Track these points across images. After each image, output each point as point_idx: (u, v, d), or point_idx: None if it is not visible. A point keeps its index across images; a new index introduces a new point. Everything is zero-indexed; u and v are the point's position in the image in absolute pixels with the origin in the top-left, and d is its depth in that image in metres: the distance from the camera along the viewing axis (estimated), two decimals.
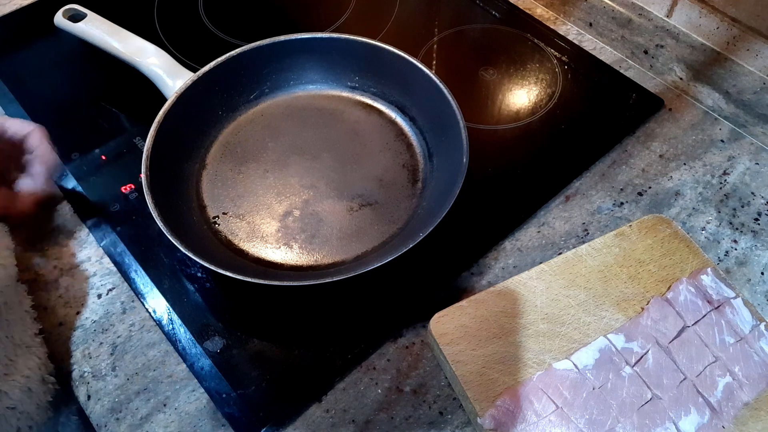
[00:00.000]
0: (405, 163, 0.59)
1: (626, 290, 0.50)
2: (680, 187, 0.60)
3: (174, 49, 0.68)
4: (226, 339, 0.50)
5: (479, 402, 0.44)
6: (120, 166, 0.60)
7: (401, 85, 0.61)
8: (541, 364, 0.46)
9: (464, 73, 0.69)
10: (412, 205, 0.56)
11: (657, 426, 0.43)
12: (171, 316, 0.51)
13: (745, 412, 0.45)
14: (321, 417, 0.47)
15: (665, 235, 0.53)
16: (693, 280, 0.50)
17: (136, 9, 0.74)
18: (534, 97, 0.67)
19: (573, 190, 0.60)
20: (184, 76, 0.59)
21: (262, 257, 0.53)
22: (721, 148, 0.63)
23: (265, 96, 0.63)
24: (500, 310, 0.48)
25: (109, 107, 0.65)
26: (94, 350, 0.50)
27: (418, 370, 0.49)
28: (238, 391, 0.47)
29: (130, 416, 0.47)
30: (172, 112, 0.55)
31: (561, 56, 0.70)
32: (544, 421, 0.43)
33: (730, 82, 0.63)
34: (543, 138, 0.63)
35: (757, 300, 0.53)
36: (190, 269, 0.53)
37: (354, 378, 0.49)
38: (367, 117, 0.62)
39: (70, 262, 0.54)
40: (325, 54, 0.62)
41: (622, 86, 0.67)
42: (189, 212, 0.55)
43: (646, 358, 0.46)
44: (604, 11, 0.70)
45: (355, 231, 0.54)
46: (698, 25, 0.64)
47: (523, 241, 0.56)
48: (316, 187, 0.57)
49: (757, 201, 0.59)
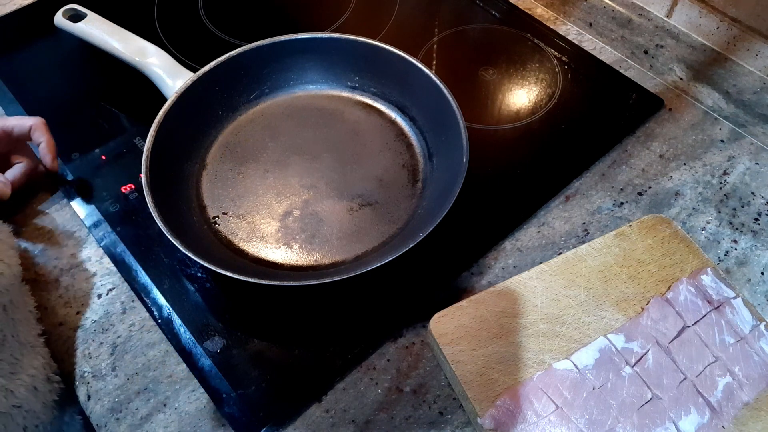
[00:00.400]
0: (405, 163, 0.59)
1: (626, 290, 0.50)
2: (680, 187, 0.60)
3: (174, 49, 0.68)
4: (226, 339, 0.50)
5: (479, 402, 0.44)
6: (120, 166, 0.60)
7: (401, 85, 0.61)
8: (541, 364, 0.46)
9: (464, 73, 0.69)
10: (412, 205, 0.56)
11: (657, 426, 0.43)
12: (171, 316, 0.51)
13: (745, 412, 0.45)
14: (321, 417, 0.47)
15: (665, 235, 0.53)
16: (693, 280, 0.50)
17: (136, 9, 0.74)
18: (534, 97, 0.67)
19: (573, 190, 0.60)
20: (184, 76, 0.59)
21: (262, 257, 0.53)
22: (721, 148, 0.63)
23: (265, 96, 0.63)
24: (500, 310, 0.48)
25: (109, 107, 0.65)
26: (94, 350, 0.50)
27: (418, 370, 0.49)
28: (238, 391, 0.47)
29: (130, 416, 0.47)
30: (172, 112, 0.55)
31: (561, 56, 0.70)
32: (544, 421, 0.43)
33: (730, 82, 0.63)
34: (543, 138, 0.63)
35: (757, 300, 0.53)
36: (190, 269, 0.53)
37: (354, 378, 0.49)
38: (367, 117, 0.62)
39: (70, 262, 0.54)
40: (325, 54, 0.62)
41: (622, 86, 0.67)
42: (189, 212, 0.55)
43: (646, 358, 0.46)
44: (604, 11, 0.70)
45: (355, 231, 0.54)
46: (698, 25, 0.64)
47: (523, 241, 0.56)
48: (316, 187, 0.57)
49: (757, 201, 0.59)
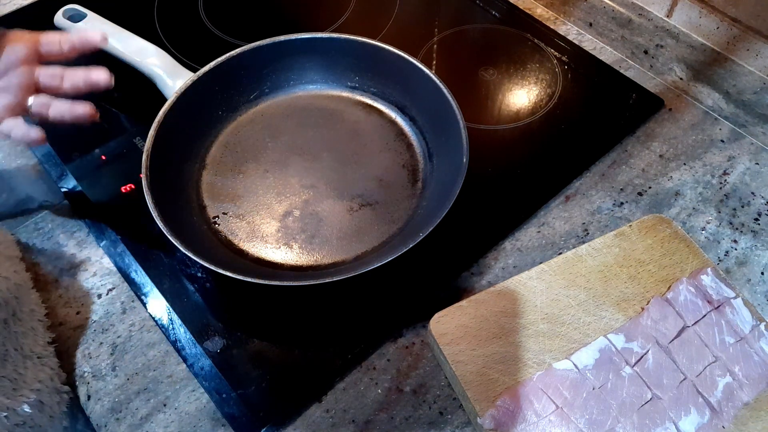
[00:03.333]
0: (405, 163, 0.59)
1: (626, 290, 0.50)
2: (680, 187, 0.60)
3: (174, 49, 0.68)
4: (226, 339, 0.50)
5: (479, 402, 0.44)
6: (120, 166, 0.60)
7: (401, 85, 0.61)
8: (541, 364, 0.46)
9: (464, 73, 0.69)
10: (412, 205, 0.56)
11: (657, 426, 0.43)
12: (171, 316, 0.51)
13: (745, 412, 0.45)
14: (321, 417, 0.47)
15: (665, 235, 0.53)
16: (693, 280, 0.50)
17: (136, 9, 0.74)
18: (534, 97, 0.67)
19: (573, 190, 0.60)
20: (184, 76, 0.59)
21: (262, 257, 0.53)
22: (721, 148, 0.63)
23: (265, 96, 0.63)
24: (500, 310, 0.48)
25: (109, 107, 0.65)
26: (94, 350, 0.50)
27: (418, 370, 0.49)
28: (238, 391, 0.47)
29: (130, 416, 0.47)
30: (172, 112, 0.55)
31: (561, 56, 0.70)
32: (544, 421, 0.43)
33: (730, 82, 0.63)
34: (543, 138, 0.63)
35: (757, 300, 0.53)
36: (190, 269, 0.53)
37: (354, 378, 0.49)
38: (367, 117, 0.62)
39: (70, 262, 0.54)
40: (325, 54, 0.62)
41: (622, 86, 0.67)
42: (189, 212, 0.55)
43: (646, 358, 0.46)
44: (604, 11, 0.70)
45: (355, 231, 0.54)
46: (698, 25, 0.64)
47: (523, 241, 0.56)
48: (316, 187, 0.57)
49: (757, 201, 0.59)
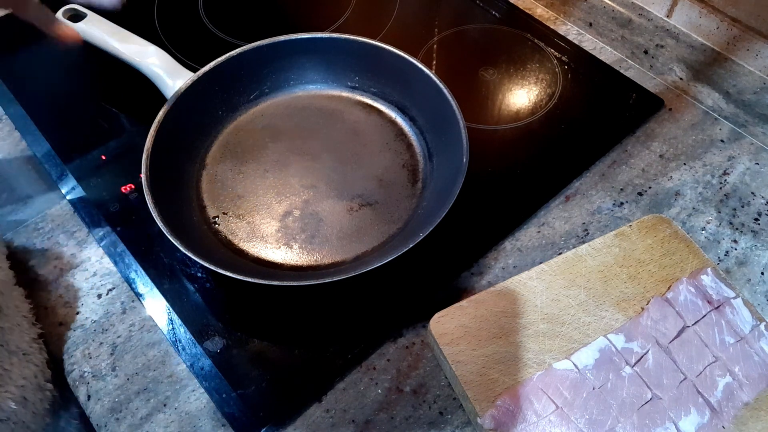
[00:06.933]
0: (405, 163, 0.59)
1: (626, 290, 0.50)
2: (680, 187, 0.60)
3: (174, 49, 0.68)
4: (226, 339, 0.50)
5: (479, 402, 0.44)
6: (120, 166, 0.60)
7: (401, 85, 0.61)
8: (541, 364, 0.46)
9: (464, 73, 0.69)
10: (412, 205, 0.56)
11: (657, 426, 0.43)
12: (171, 316, 0.51)
13: (745, 412, 0.45)
14: (321, 417, 0.47)
15: (665, 235, 0.53)
16: (693, 280, 0.50)
17: (136, 9, 0.74)
18: (534, 97, 0.67)
19: (573, 190, 0.60)
20: (184, 76, 0.58)
21: (262, 257, 0.53)
22: (721, 148, 0.63)
23: (265, 96, 0.63)
24: (500, 310, 0.48)
25: (109, 107, 0.65)
26: (94, 350, 0.50)
27: (418, 370, 0.49)
28: (238, 391, 0.47)
29: (130, 416, 0.47)
30: (172, 112, 0.55)
31: (561, 56, 0.70)
32: (544, 421, 0.43)
33: (730, 82, 0.63)
34: (543, 138, 0.63)
35: (757, 300, 0.53)
36: (190, 269, 0.53)
37: (354, 378, 0.49)
38: (367, 117, 0.62)
39: (70, 262, 0.54)
40: (325, 54, 0.62)
41: (622, 86, 0.67)
42: (189, 212, 0.55)
43: (646, 358, 0.46)
44: (604, 11, 0.70)
45: (355, 231, 0.54)
46: (698, 25, 0.64)
47: (523, 241, 0.56)
48: (316, 187, 0.57)
49: (757, 201, 0.59)
